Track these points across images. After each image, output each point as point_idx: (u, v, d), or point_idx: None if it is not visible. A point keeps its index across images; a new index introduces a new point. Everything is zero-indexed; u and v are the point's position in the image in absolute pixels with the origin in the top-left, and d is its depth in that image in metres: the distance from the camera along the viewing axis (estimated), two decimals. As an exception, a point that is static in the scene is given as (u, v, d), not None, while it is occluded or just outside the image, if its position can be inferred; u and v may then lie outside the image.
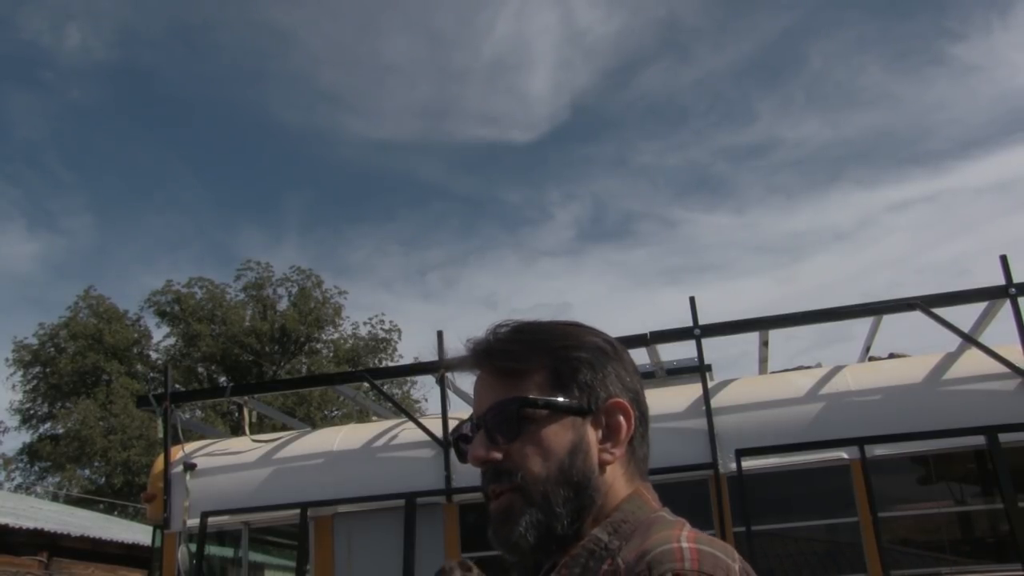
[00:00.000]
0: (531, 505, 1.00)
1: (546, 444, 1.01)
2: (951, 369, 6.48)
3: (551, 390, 1.03)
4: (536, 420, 1.02)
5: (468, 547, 6.62)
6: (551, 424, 1.02)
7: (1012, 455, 5.96)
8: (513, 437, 1.02)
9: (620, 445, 1.03)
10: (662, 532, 0.92)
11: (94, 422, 28.18)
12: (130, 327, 32.39)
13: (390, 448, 7.39)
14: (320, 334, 33.30)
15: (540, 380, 1.04)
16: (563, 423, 1.02)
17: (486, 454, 1.03)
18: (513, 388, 1.04)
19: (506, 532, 1.01)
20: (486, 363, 1.07)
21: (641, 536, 0.95)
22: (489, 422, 1.04)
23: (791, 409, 6.58)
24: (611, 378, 1.05)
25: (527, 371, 1.04)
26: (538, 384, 1.04)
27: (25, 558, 13.94)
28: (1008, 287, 6.35)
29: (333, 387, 11.82)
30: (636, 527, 0.97)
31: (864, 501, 6.08)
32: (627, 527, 0.98)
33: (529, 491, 1.00)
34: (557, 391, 1.03)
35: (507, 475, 1.01)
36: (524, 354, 1.05)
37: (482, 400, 1.07)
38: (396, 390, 28.81)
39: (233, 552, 7.80)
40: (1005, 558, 5.98)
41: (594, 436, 1.03)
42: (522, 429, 1.02)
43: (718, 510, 6.30)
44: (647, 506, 1.02)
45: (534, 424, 1.02)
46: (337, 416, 29.51)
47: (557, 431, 1.02)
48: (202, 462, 7.77)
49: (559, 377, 1.04)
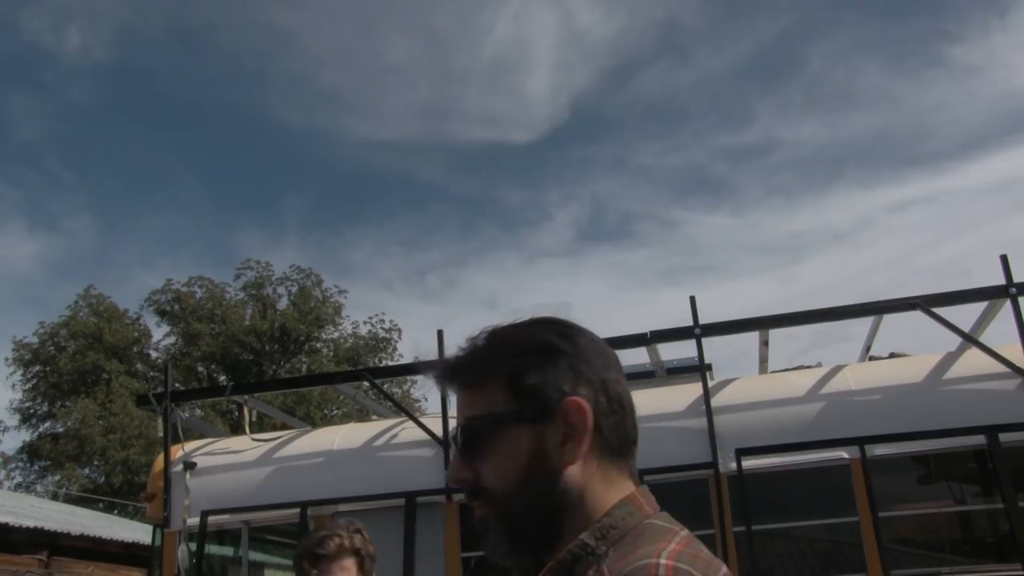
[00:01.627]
0: (500, 519, 1.01)
1: (506, 458, 1.01)
2: (951, 369, 6.47)
3: (506, 401, 1.03)
4: (495, 435, 1.02)
5: (468, 546, 6.62)
6: (509, 436, 1.02)
7: (1012, 455, 5.96)
8: (478, 455, 1.03)
9: (581, 443, 1.00)
10: (648, 546, 0.91)
11: (94, 421, 28.20)
12: (130, 326, 32.41)
13: (390, 447, 7.39)
14: (320, 333, 33.33)
15: (498, 392, 1.03)
16: (519, 433, 1.01)
17: (459, 474, 1.05)
18: (476, 404, 1.05)
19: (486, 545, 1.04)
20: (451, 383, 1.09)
21: (630, 545, 0.93)
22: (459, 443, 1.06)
23: (791, 409, 6.57)
24: (563, 376, 1.02)
25: (484, 385, 1.05)
26: (495, 397, 1.03)
27: (25, 557, 13.95)
28: (1008, 287, 6.34)
29: (333, 386, 11.83)
30: (626, 533, 0.96)
31: (864, 501, 6.07)
32: (615, 533, 0.96)
33: (497, 505, 1.01)
34: (512, 401, 1.03)
35: (479, 492, 1.03)
36: (481, 368, 1.05)
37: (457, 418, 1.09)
38: (396, 389, 28.80)
39: (233, 551, 7.80)
40: (1005, 558, 5.98)
41: (555, 439, 1.00)
42: (484, 446, 1.03)
43: (718, 510, 6.30)
44: (639, 512, 0.99)
45: (494, 439, 1.02)
46: (337, 415, 29.53)
47: (516, 442, 1.01)
48: (202, 461, 7.77)
49: (513, 385, 1.03)
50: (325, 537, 2.38)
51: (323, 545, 2.36)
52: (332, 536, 2.37)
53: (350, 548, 2.37)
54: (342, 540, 2.37)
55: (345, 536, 2.38)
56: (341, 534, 2.38)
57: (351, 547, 2.37)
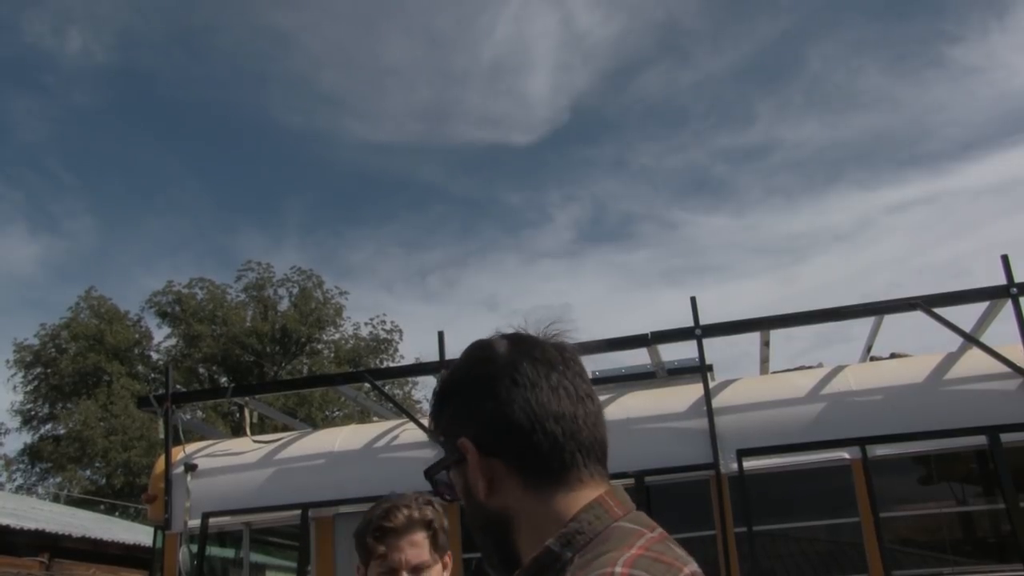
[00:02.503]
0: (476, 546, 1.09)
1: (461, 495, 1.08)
2: (952, 369, 6.47)
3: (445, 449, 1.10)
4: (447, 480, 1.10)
5: (469, 547, 6.62)
6: (455, 480, 1.08)
7: (1013, 455, 5.96)
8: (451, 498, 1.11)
9: (479, 474, 1.02)
10: (609, 554, 0.89)
11: (95, 423, 28.19)
12: (131, 328, 32.40)
13: (391, 448, 7.39)
14: (321, 334, 33.32)
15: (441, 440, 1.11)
16: (456, 476, 1.07)
17: None
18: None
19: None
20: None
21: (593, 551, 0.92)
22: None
23: (792, 409, 6.57)
24: (455, 418, 1.07)
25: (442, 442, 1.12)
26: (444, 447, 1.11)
27: (26, 559, 13.94)
28: (1009, 287, 6.34)
29: (334, 388, 11.84)
30: (592, 538, 0.94)
31: (865, 501, 6.07)
32: (582, 538, 0.94)
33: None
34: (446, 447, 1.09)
35: None
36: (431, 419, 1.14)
37: None
38: (397, 391, 28.81)
39: (234, 553, 7.80)
40: (1006, 558, 5.98)
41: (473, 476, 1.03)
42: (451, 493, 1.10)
43: (719, 510, 6.30)
44: (608, 514, 0.97)
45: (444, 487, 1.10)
46: (338, 417, 29.52)
47: (457, 484, 1.08)
48: (203, 463, 7.77)
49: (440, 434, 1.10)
50: (391, 508, 2.12)
51: (390, 517, 2.09)
52: (400, 507, 2.11)
53: (421, 520, 2.09)
54: (411, 511, 2.10)
55: (415, 507, 2.11)
56: (411, 504, 2.12)
57: (422, 519, 2.10)
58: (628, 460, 6.25)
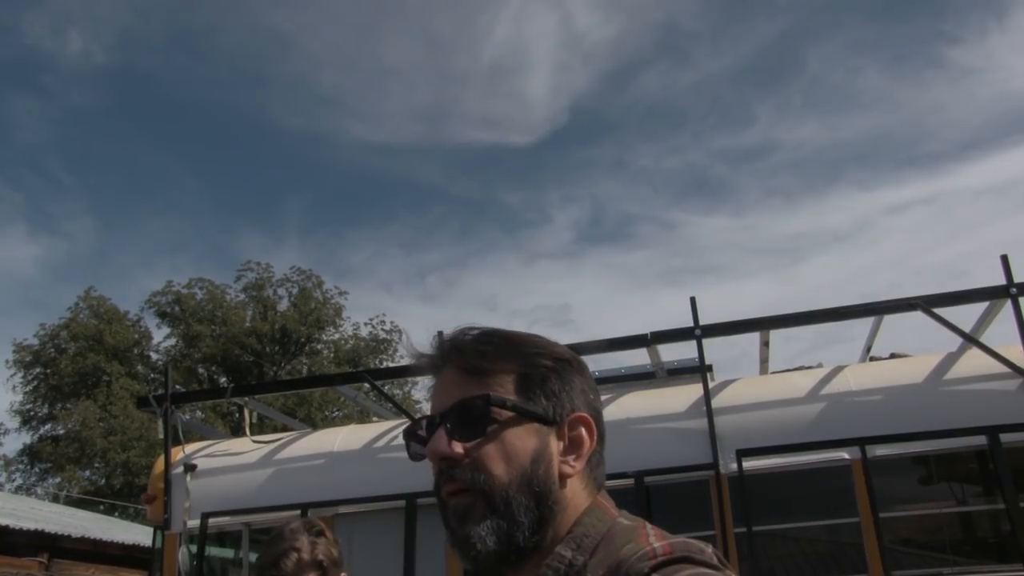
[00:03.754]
0: (493, 511, 0.96)
1: (510, 448, 0.98)
2: (952, 369, 6.47)
3: (517, 395, 1.00)
4: (501, 422, 0.98)
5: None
6: (516, 428, 0.99)
7: (1013, 455, 5.95)
8: (476, 436, 0.98)
9: (581, 459, 1.01)
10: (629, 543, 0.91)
11: (94, 423, 28.17)
12: (130, 328, 32.38)
13: (391, 449, 7.38)
14: (320, 335, 33.32)
15: (507, 383, 1.01)
16: (528, 429, 0.99)
17: (448, 449, 0.99)
18: (479, 387, 1.00)
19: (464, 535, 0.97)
20: (455, 359, 1.04)
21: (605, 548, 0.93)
22: (452, 418, 1.00)
23: (792, 409, 6.57)
24: (576, 392, 1.04)
25: (494, 372, 1.01)
26: (504, 387, 1.00)
27: (25, 559, 13.94)
28: (1009, 287, 6.33)
29: (334, 388, 11.80)
30: (600, 540, 0.95)
31: (865, 501, 6.07)
32: (589, 541, 0.95)
33: (491, 495, 0.96)
34: (524, 397, 1.00)
35: (467, 474, 0.98)
36: (493, 355, 1.02)
37: (445, 397, 1.04)
38: (397, 391, 28.79)
39: (234, 553, 7.79)
40: (1006, 558, 5.97)
41: (556, 447, 1.00)
42: (487, 429, 0.98)
43: (719, 511, 6.29)
44: (606, 515, 0.99)
45: (499, 426, 0.98)
46: (338, 417, 29.51)
47: (522, 436, 0.98)
48: (202, 463, 7.76)
49: (527, 383, 1.01)
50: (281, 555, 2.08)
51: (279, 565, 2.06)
52: (290, 552, 2.08)
53: (311, 562, 2.07)
54: (300, 555, 2.08)
55: (305, 547, 2.09)
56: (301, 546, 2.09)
57: (312, 560, 2.08)
58: (628, 460, 6.25)
